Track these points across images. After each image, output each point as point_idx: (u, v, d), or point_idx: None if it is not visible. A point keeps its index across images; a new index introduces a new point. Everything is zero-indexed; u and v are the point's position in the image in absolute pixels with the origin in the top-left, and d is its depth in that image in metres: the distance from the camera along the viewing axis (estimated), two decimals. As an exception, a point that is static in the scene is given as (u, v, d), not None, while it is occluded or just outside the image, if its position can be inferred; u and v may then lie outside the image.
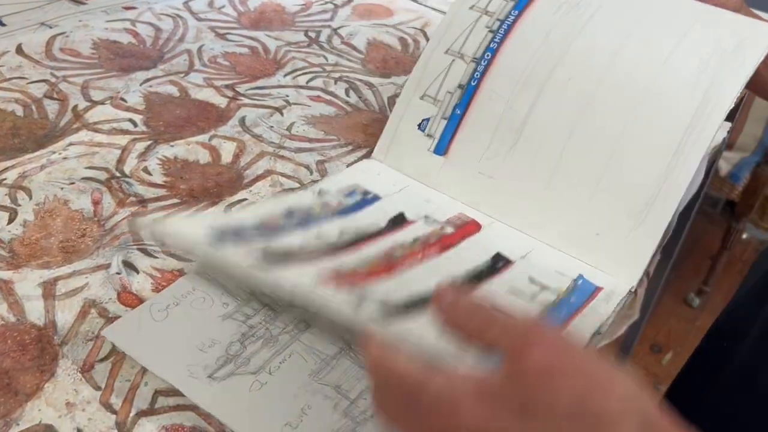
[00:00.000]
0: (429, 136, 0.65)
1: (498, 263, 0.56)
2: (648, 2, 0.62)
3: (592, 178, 0.58)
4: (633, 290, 0.57)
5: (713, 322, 0.71)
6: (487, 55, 0.63)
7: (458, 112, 0.64)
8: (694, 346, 1.97)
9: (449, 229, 0.59)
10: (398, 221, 0.59)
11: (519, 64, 0.62)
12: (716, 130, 0.56)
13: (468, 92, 0.63)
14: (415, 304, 0.45)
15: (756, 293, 0.64)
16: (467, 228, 0.60)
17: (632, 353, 1.62)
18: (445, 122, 0.64)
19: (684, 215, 0.78)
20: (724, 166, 1.88)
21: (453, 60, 0.64)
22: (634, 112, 0.58)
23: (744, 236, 2.24)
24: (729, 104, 0.56)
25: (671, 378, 1.79)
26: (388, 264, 0.51)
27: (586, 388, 0.29)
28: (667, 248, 0.60)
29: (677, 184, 0.56)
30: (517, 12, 0.64)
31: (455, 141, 0.64)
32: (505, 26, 0.64)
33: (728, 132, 0.75)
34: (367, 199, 0.61)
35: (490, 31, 0.64)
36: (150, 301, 0.50)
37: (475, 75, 0.63)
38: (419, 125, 0.65)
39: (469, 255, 0.57)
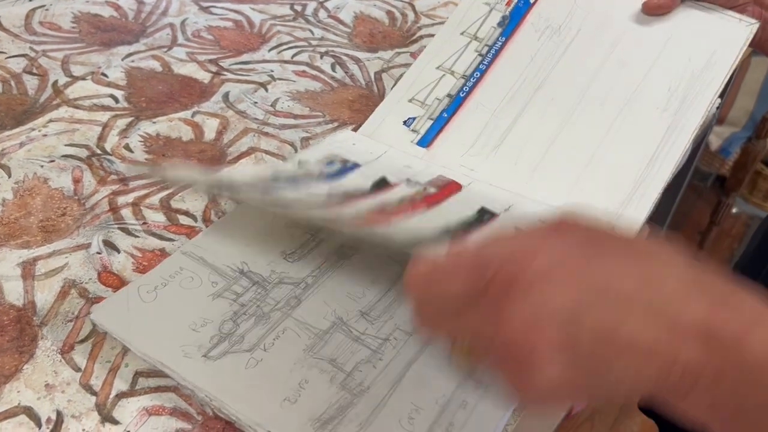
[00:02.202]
0: (414, 131, 0.66)
1: (484, 216, 0.57)
2: (623, 26, 0.67)
3: (571, 179, 0.62)
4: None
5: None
6: (476, 74, 0.67)
7: (445, 115, 0.66)
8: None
9: (432, 189, 0.60)
10: (381, 185, 0.59)
11: (506, 84, 0.66)
12: (685, 146, 0.61)
13: (456, 101, 0.67)
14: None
15: (757, 257, 0.65)
16: (450, 187, 0.60)
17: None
18: (431, 122, 0.66)
19: (674, 189, 0.77)
20: (714, 141, 1.88)
21: (443, 75, 0.68)
22: (611, 128, 0.63)
23: (734, 210, 2.25)
24: (696, 123, 0.62)
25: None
26: (384, 214, 0.53)
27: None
28: (656, 223, 0.61)
29: (647, 194, 0.60)
30: (504, 38, 0.68)
31: (439, 138, 0.65)
32: (493, 51, 0.68)
33: (718, 107, 0.74)
34: (348, 167, 0.61)
35: (480, 55, 0.68)
36: (137, 282, 0.50)
37: (464, 89, 0.67)
38: (405, 122, 0.67)
39: (456, 209, 0.58)
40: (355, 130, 0.68)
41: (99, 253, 0.54)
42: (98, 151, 0.63)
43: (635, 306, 0.28)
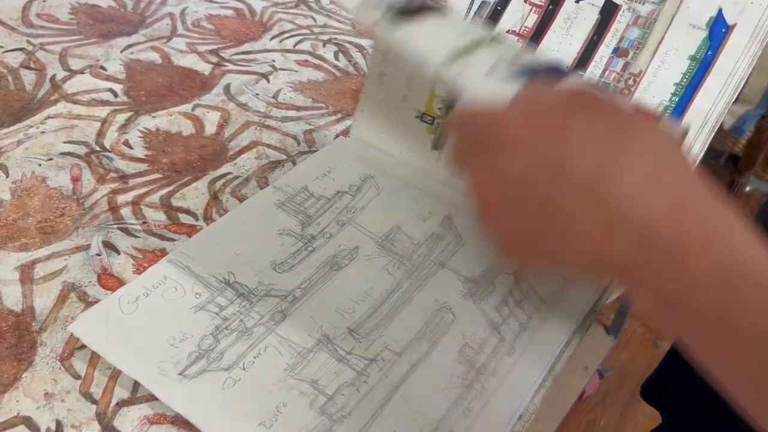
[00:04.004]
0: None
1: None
2: None
3: None
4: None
5: None
6: None
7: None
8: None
9: None
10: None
11: None
12: None
13: None
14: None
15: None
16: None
17: (632, 311, 1.62)
18: None
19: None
20: (727, 120, 1.85)
21: None
22: None
23: (747, 189, 2.22)
24: None
25: (671, 334, 1.79)
26: None
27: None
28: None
29: None
30: None
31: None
32: None
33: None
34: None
35: None
36: (119, 292, 0.48)
37: None
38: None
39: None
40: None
41: (98, 254, 0.53)
42: (97, 148, 0.62)
43: (583, 192, 0.30)
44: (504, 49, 0.44)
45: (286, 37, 0.81)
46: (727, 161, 2.32)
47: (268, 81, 0.73)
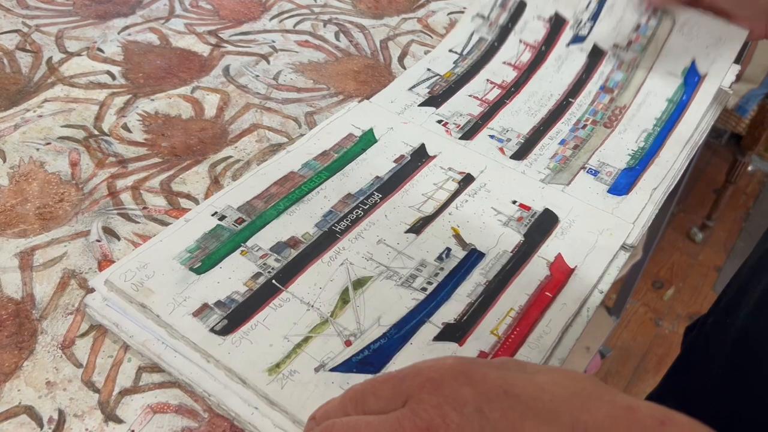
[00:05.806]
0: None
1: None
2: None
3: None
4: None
5: (719, 295, 0.67)
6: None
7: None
8: (695, 282, 1.95)
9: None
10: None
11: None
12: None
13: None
14: None
15: (755, 269, 0.60)
16: None
17: (634, 291, 1.62)
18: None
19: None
20: (731, 99, 1.83)
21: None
22: None
23: (749, 168, 2.21)
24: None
25: (672, 314, 1.79)
26: None
27: None
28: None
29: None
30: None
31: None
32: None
33: (736, 74, 0.71)
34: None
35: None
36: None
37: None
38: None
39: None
40: (360, 102, 0.66)
41: (98, 240, 0.52)
42: (96, 132, 0.61)
43: (535, 408, 0.29)
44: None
45: (286, 17, 0.79)
46: (729, 140, 2.31)
47: (268, 62, 0.72)
